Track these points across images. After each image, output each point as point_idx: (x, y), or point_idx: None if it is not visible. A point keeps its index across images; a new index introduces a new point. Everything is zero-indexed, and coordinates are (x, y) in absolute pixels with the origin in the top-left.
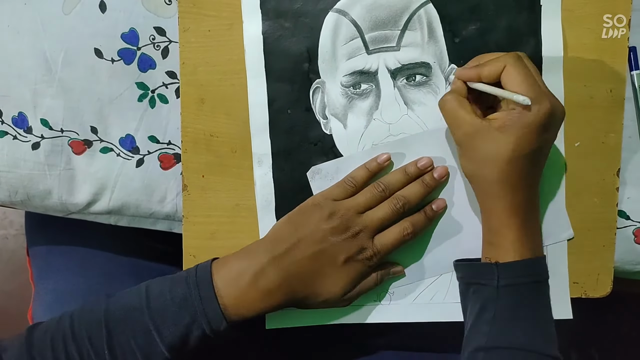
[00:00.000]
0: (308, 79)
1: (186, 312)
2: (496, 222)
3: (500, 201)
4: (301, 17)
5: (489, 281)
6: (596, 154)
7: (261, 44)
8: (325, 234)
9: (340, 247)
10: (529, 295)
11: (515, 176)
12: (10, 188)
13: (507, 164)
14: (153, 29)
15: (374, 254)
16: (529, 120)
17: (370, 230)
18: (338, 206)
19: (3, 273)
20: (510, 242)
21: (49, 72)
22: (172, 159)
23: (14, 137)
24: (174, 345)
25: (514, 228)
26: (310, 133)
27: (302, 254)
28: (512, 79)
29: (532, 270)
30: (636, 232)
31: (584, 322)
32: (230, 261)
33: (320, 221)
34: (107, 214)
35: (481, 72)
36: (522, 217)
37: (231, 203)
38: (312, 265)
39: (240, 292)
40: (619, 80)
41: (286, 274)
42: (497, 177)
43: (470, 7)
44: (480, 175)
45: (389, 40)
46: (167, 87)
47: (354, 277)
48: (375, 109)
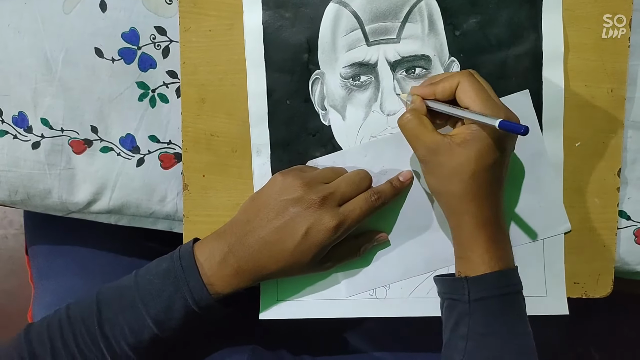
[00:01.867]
0: (307, 69)
1: (169, 282)
2: (465, 237)
3: (467, 216)
4: (301, 7)
5: (461, 296)
6: (597, 154)
7: (261, 34)
8: (286, 205)
9: (302, 218)
10: (501, 308)
11: (480, 190)
12: (10, 187)
13: (471, 178)
14: (154, 29)
15: (340, 222)
16: (488, 134)
17: (334, 199)
18: (301, 176)
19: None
20: (479, 255)
21: (49, 72)
22: (173, 158)
23: (14, 136)
24: (159, 319)
25: (482, 241)
26: (309, 124)
27: (264, 230)
28: (466, 95)
29: (503, 282)
30: (637, 232)
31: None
32: (207, 241)
33: (280, 193)
34: (108, 213)
35: (436, 89)
36: (489, 230)
37: (232, 202)
38: (275, 239)
39: (214, 271)
40: (620, 80)
41: (250, 251)
42: (463, 192)
43: (471, 0)
44: (446, 191)
45: (389, 32)
46: (167, 86)
47: (320, 247)
48: (374, 101)
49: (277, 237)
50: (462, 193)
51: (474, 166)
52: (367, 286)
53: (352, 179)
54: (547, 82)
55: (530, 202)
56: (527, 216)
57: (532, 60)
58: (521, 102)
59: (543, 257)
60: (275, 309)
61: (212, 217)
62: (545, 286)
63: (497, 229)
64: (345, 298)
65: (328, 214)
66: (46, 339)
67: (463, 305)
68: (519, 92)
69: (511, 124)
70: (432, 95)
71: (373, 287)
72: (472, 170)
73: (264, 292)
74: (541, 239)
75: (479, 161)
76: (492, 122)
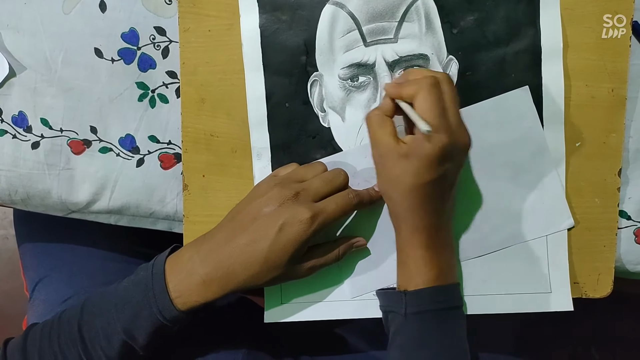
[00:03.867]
0: (305, 72)
1: (140, 290)
2: (402, 241)
3: (405, 222)
4: (298, 9)
5: (399, 309)
6: (597, 154)
7: (258, 38)
8: (259, 207)
9: (276, 214)
10: (435, 322)
11: (417, 202)
12: (10, 187)
13: (409, 191)
14: (153, 29)
15: (316, 214)
16: (427, 152)
17: (307, 194)
18: (274, 178)
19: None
20: (414, 261)
21: (48, 72)
22: (173, 158)
23: (13, 136)
24: (127, 327)
25: (417, 247)
26: (309, 126)
27: (235, 234)
28: (421, 105)
29: (440, 297)
30: (637, 232)
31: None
32: (181, 249)
33: (253, 198)
34: (107, 213)
35: (401, 90)
36: (425, 236)
37: (231, 203)
38: (247, 241)
39: (180, 279)
40: (621, 80)
41: (220, 258)
42: (401, 201)
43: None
44: (389, 195)
45: (386, 32)
46: (167, 86)
47: (297, 243)
48: (373, 101)
49: (249, 239)
50: (400, 201)
51: (411, 180)
52: (371, 286)
53: (325, 176)
54: (546, 78)
55: (532, 199)
56: (530, 213)
57: (531, 57)
58: (521, 98)
59: (547, 254)
60: (280, 312)
61: (212, 218)
62: (549, 283)
63: (435, 237)
64: (349, 299)
65: (302, 206)
66: (37, 337)
67: (400, 318)
68: (518, 89)
69: None
70: (398, 97)
71: (377, 287)
72: (410, 183)
73: (268, 295)
74: (545, 236)
75: (416, 177)
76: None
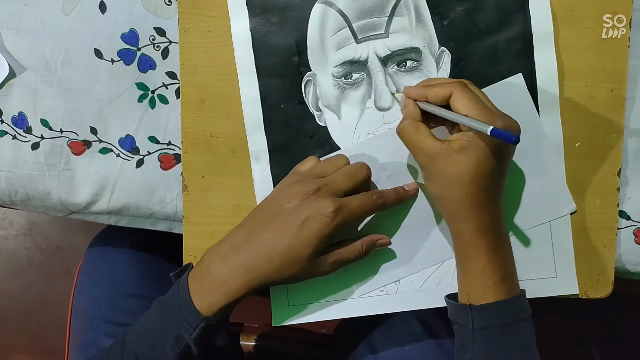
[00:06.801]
0: (299, 72)
1: (167, 312)
2: (465, 245)
3: (467, 223)
4: (287, 10)
5: (466, 322)
6: (597, 154)
7: (250, 41)
8: (282, 204)
9: (299, 209)
10: (504, 337)
11: (478, 196)
12: (10, 188)
13: (470, 184)
14: (153, 30)
15: (339, 207)
16: (486, 141)
17: (329, 189)
18: (295, 176)
19: (3, 274)
20: (480, 267)
21: (48, 73)
22: (172, 159)
23: (13, 136)
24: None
25: (482, 250)
26: (305, 126)
27: (257, 231)
28: (461, 103)
29: (508, 311)
30: (637, 232)
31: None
32: (202, 256)
33: (276, 197)
34: (108, 214)
35: (428, 92)
36: (490, 238)
37: (231, 203)
38: (268, 236)
39: (200, 284)
40: (620, 80)
41: (237, 259)
42: (462, 198)
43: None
44: (446, 197)
45: (377, 28)
46: (167, 87)
47: (320, 237)
48: (368, 97)
49: (270, 233)
50: (460, 199)
51: (472, 173)
52: (378, 283)
53: (347, 170)
54: (539, 63)
55: (533, 185)
56: (532, 200)
57: (523, 43)
58: (515, 86)
59: (551, 239)
60: (287, 314)
61: (212, 218)
62: (554, 268)
63: (497, 236)
64: (356, 297)
65: (326, 200)
66: None
67: (467, 332)
68: (512, 77)
69: (502, 133)
70: (424, 98)
71: (383, 283)
72: (470, 177)
73: (274, 299)
74: (548, 221)
75: (477, 168)
76: (484, 128)
